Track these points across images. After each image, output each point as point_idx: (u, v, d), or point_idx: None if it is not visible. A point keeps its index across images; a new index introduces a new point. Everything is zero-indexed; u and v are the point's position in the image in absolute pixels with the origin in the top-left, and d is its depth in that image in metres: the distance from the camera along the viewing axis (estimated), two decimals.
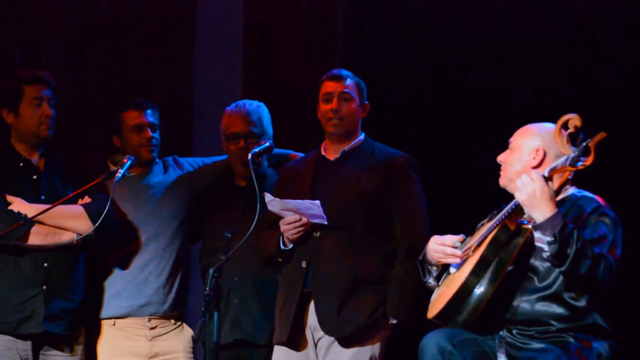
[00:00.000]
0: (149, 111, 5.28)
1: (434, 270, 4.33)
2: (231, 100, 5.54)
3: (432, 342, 4.12)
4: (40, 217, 4.86)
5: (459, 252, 4.18)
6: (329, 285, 4.86)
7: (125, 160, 5.02)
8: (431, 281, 4.37)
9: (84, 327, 5.11)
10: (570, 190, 4.19)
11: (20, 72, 5.08)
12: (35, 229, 4.88)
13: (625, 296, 4.75)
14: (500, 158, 4.27)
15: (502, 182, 4.25)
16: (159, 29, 6.44)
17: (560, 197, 4.14)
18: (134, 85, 6.27)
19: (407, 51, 6.18)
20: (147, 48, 6.39)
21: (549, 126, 4.20)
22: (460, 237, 4.26)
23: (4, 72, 5.36)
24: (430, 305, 4.28)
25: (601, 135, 3.81)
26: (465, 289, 4.07)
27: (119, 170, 4.96)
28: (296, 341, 4.92)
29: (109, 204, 4.92)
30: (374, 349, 4.88)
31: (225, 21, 6.62)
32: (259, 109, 5.28)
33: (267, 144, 5.05)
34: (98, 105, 6.06)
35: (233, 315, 5.13)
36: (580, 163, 3.83)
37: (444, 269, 4.31)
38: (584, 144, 3.81)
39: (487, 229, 4.14)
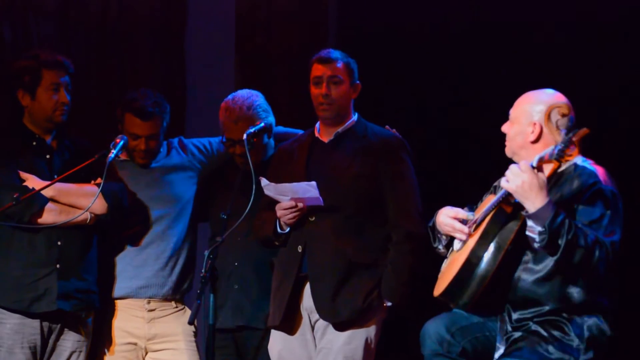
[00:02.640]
0: (152, 122, 5.21)
1: (444, 239, 4.35)
2: (224, 84, 5.49)
3: (431, 331, 4.17)
4: (55, 196, 4.90)
5: (466, 230, 4.19)
6: (324, 270, 4.86)
7: (118, 141, 4.98)
8: (441, 247, 4.38)
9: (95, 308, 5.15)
10: (575, 159, 4.11)
11: (41, 54, 5.04)
12: (49, 206, 4.90)
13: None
14: (504, 129, 4.27)
15: (508, 153, 4.27)
16: (152, 12, 6.41)
17: (562, 168, 4.12)
18: (125, 62, 6.27)
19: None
20: (139, 29, 6.37)
21: (545, 95, 4.20)
22: (470, 214, 4.27)
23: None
24: (437, 281, 4.29)
25: (584, 132, 3.82)
26: (468, 270, 4.08)
27: (112, 151, 4.93)
28: (291, 324, 4.93)
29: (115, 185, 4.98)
30: (370, 331, 4.88)
31: (217, 5, 6.60)
32: (252, 107, 5.17)
33: (262, 124, 5.08)
34: (89, 84, 6.04)
35: (234, 301, 5.13)
36: (565, 156, 3.84)
37: (453, 237, 4.32)
38: (569, 136, 3.83)
39: (485, 209, 4.15)
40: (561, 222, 3.88)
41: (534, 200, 3.90)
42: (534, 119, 4.15)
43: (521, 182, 3.91)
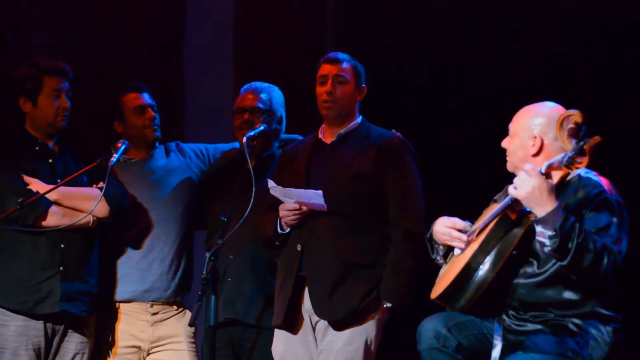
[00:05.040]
0: (145, 94, 5.34)
1: (441, 249, 4.34)
2: (222, 91, 5.53)
3: (428, 327, 4.16)
4: (58, 199, 4.96)
5: (464, 237, 4.20)
6: (321, 269, 4.88)
7: (119, 145, 5.05)
8: (438, 258, 4.37)
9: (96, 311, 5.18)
10: (577, 171, 4.11)
11: (41, 61, 5.11)
12: (52, 209, 4.95)
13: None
14: (504, 145, 4.26)
15: (510, 168, 4.25)
16: (150, 15, 6.47)
17: (566, 178, 4.12)
18: (125, 69, 6.31)
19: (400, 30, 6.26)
20: (139, 34, 6.43)
21: (545, 108, 4.20)
22: (468, 223, 4.27)
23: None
24: (435, 284, 4.29)
25: (596, 140, 3.79)
26: (466, 275, 4.08)
27: (114, 155, 5.00)
28: (294, 324, 4.95)
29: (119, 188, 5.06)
30: (369, 332, 4.89)
31: (216, 7, 6.63)
32: (270, 89, 5.35)
33: (262, 127, 5.13)
34: (90, 89, 6.03)
35: (227, 294, 5.15)
36: (575, 163, 3.82)
37: (451, 247, 4.31)
38: (581, 144, 3.80)
39: (489, 215, 4.15)
40: (572, 225, 3.86)
41: (544, 205, 3.87)
42: (534, 132, 4.14)
43: (531, 187, 3.87)
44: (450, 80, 6.15)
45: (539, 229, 3.93)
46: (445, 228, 4.26)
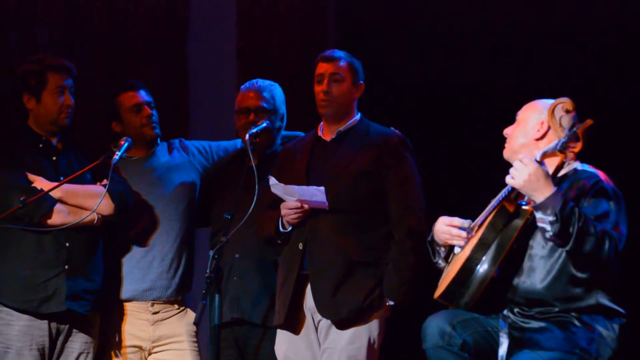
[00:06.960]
0: (142, 91, 5.33)
1: (442, 251, 4.35)
2: (226, 88, 5.54)
3: (432, 325, 4.16)
4: (63, 197, 4.96)
5: (464, 234, 4.21)
6: (324, 268, 4.89)
7: (122, 142, 5.05)
8: (440, 262, 4.38)
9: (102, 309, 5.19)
10: (574, 164, 4.17)
11: (45, 58, 5.11)
12: (57, 207, 4.95)
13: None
14: (507, 131, 4.29)
15: (506, 154, 4.28)
16: (154, 12, 6.48)
17: (562, 172, 4.15)
18: (129, 67, 6.33)
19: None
20: (142, 31, 6.44)
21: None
22: (468, 221, 4.28)
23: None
24: (438, 286, 4.29)
25: (587, 123, 3.85)
26: (467, 270, 4.09)
27: (117, 152, 5.00)
28: (296, 323, 4.96)
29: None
30: (372, 330, 4.90)
31: (219, 12, 6.65)
32: (272, 87, 5.36)
33: (264, 124, 5.15)
34: (94, 87, 6.08)
35: (233, 293, 5.16)
36: (569, 148, 3.87)
37: (451, 248, 4.32)
38: (573, 129, 3.86)
39: (487, 209, 4.16)
40: (571, 209, 3.88)
41: (542, 190, 3.89)
42: (541, 118, 4.17)
43: (527, 175, 3.90)
44: (452, 77, 6.15)
45: (539, 215, 3.94)
46: (445, 227, 4.28)
